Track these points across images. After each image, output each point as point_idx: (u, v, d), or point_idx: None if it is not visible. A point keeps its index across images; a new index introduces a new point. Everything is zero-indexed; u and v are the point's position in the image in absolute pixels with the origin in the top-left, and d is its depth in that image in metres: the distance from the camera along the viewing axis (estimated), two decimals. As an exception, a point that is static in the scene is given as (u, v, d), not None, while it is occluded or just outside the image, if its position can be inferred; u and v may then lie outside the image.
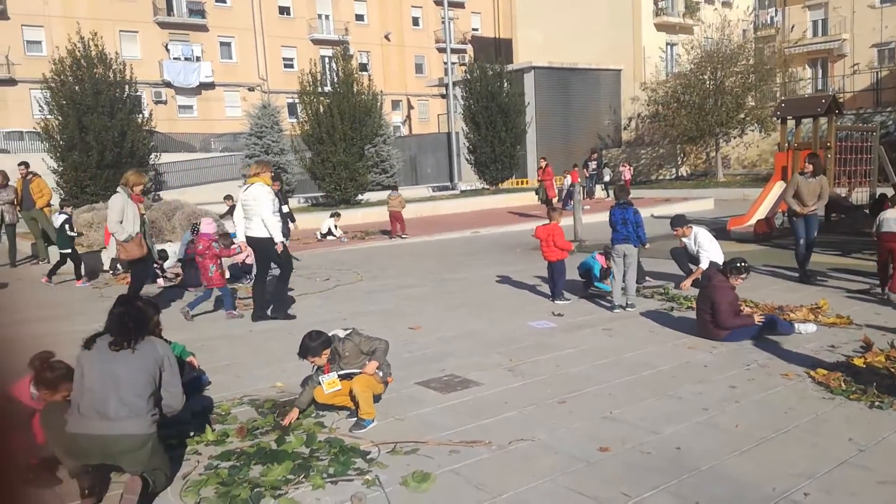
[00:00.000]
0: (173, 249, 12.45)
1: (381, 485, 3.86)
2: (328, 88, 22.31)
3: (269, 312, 8.36)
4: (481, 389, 5.46)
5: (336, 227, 16.57)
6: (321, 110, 21.72)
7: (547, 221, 8.86)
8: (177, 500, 3.76)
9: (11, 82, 37.75)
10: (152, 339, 3.99)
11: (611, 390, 5.36)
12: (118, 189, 8.33)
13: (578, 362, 6.12)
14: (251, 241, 8.10)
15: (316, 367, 4.92)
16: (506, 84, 26.82)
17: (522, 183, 29.75)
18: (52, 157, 18.48)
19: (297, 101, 24.76)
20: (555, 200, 19.72)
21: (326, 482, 3.88)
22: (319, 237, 16.53)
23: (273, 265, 8.51)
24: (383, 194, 22.41)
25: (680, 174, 33.94)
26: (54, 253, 13.68)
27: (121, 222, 8.11)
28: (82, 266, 11.69)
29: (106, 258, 12.73)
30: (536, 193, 19.10)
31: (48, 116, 18.67)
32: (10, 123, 36.22)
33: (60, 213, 11.72)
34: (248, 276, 11.03)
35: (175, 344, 5.45)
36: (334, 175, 21.91)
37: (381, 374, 4.96)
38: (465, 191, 27.86)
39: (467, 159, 27.66)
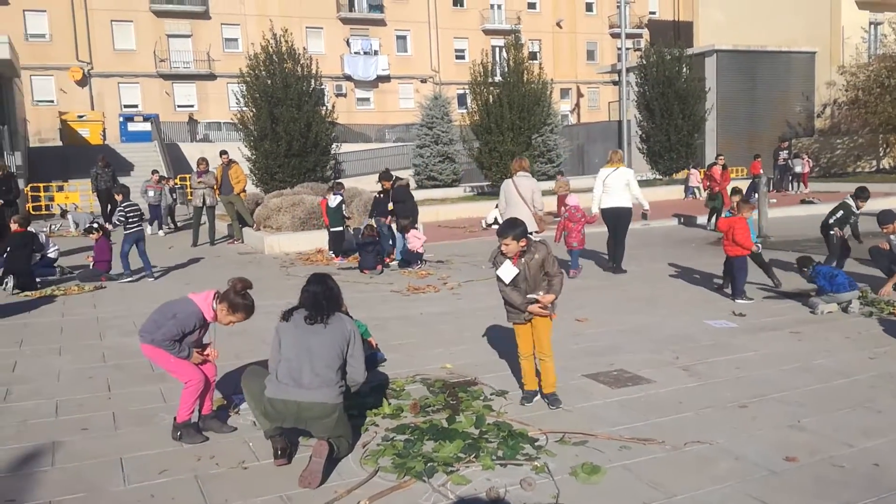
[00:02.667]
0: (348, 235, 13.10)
1: (549, 472, 3.86)
2: (498, 78, 22.46)
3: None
4: (653, 387, 5.28)
5: (502, 215, 16.67)
6: (490, 100, 21.91)
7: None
8: (357, 466, 3.99)
9: (211, 77, 41.64)
10: (342, 316, 4.25)
11: (798, 398, 4.97)
12: (524, 174, 9.53)
13: (762, 366, 5.73)
14: (614, 210, 9.89)
15: (501, 252, 4.86)
16: (685, 69, 25.55)
17: (701, 174, 28.27)
18: (246, 146, 20.17)
19: (467, 91, 25.17)
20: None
21: (496, 464, 3.94)
22: (485, 226, 16.73)
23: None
24: (549, 184, 22.23)
25: (881, 167, 30.59)
26: (248, 233, 15.01)
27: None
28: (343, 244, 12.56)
29: (302, 240, 13.69)
30: (711, 200, 15.28)
31: (244, 108, 20.35)
32: (210, 115, 40.06)
33: (336, 193, 12.57)
34: (418, 262, 11.42)
35: (360, 322, 5.77)
36: (501, 164, 22.02)
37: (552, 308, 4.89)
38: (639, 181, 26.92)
39: (639, 148, 26.70)
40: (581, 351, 6.27)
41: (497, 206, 16.87)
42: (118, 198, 10.82)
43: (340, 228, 12.39)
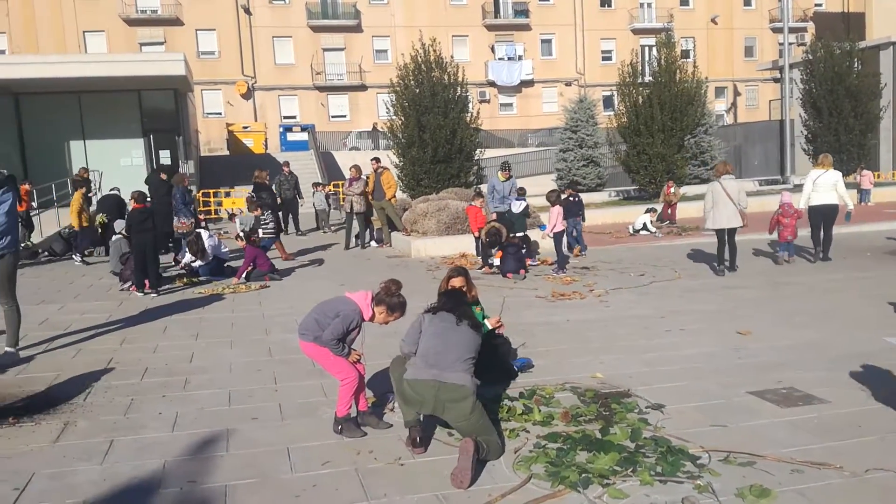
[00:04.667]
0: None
1: (714, 492, 3.65)
2: (648, 78, 21.76)
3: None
4: (828, 407, 4.86)
5: (651, 222, 16.14)
6: (640, 101, 21.27)
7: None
8: (510, 471, 3.98)
9: (362, 88, 43.51)
10: (473, 325, 4.49)
11: None
12: (729, 176, 10.47)
13: (957, 389, 5.12)
14: (823, 206, 11.01)
15: None
16: (857, 64, 23.53)
17: (875, 177, 25.91)
18: (394, 154, 20.85)
19: (613, 93, 24.60)
20: None
21: (655, 480, 3.78)
22: (632, 232, 16.25)
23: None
24: (702, 188, 21.28)
25: None
26: (396, 237, 15.48)
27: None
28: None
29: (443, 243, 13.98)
30: None
31: (392, 117, 21.06)
32: (360, 124, 41.89)
33: (518, 199, 12.73)
34: (564, 268, 11.27)
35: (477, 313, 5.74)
36: (650, 168, 21.31)
37: None
38: (799, 185, 25.11)
39: (804, 149, 24.90)
40: (744, 366, 5.90)
41: (646, 212, 16.40)
42: (257, 212, 11.38)
43: (524, 233, 12.27)
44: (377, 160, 15.81)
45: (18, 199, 6.77)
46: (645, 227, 16.09)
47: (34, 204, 18.42)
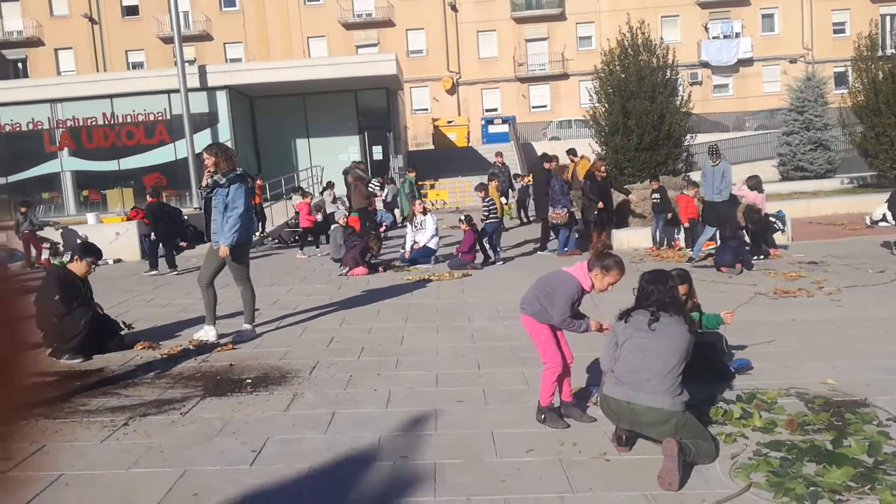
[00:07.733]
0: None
1: (977, 524, 3.14)
2: (890, 51, 19.28)
3: None
4: None
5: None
6: (880, 77, 18.90)
7: None
8: (726, 477, 3.72)
9: (564, 77, 43.04)
10: (681, 320, 4.10)
11: None
12: None
13: None
14: None
15: None
16: None
17: None
18: (596, 142, 20.40)
19: (847, 69, 22.11)
20: None
21: (899, 502, 3.34)
22: (869, 223, 14.52)
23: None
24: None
25: None
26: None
27: None
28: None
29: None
30: None
31: (595, 105, 20.59)
32: (561, 114, 41.49)
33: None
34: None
35: (709, 316, 5.39)
36: (891, 151, 18.89)
37: None
38: None
39: None
40: None
41: (887, 202, 14.51)
42: (480, 195, 11.98)
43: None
44: (573, 151, 15.63)
45: (252, 193, 7.51)
46: (885, 218, 14.29)
47: (267, 197, 20.48)
